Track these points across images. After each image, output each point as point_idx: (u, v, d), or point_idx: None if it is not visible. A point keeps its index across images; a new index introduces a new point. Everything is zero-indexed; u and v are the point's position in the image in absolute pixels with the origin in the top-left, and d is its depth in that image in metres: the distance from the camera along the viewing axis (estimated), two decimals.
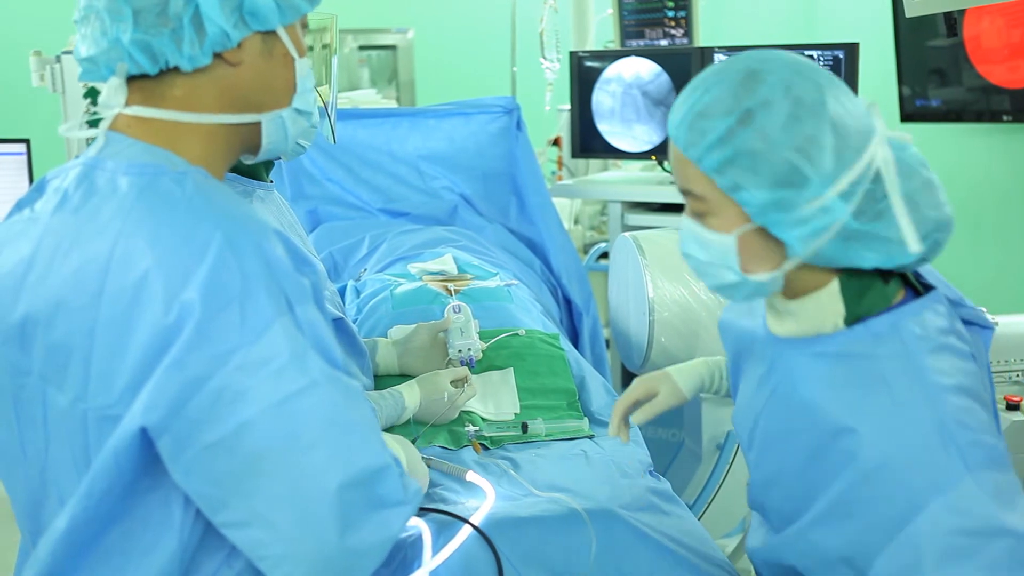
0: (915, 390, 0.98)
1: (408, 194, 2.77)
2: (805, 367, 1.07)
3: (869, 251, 1.01)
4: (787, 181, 0.97)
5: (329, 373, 0.87)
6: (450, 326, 1.79)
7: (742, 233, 1.01)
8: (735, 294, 1.07)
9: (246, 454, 0.83)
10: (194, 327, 0.82)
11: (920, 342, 1.01)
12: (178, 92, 0.96)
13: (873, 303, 1.05)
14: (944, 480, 0.93)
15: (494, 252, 2.53)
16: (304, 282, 0.90)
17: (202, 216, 0.87)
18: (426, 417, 1.61)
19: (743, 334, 1.21)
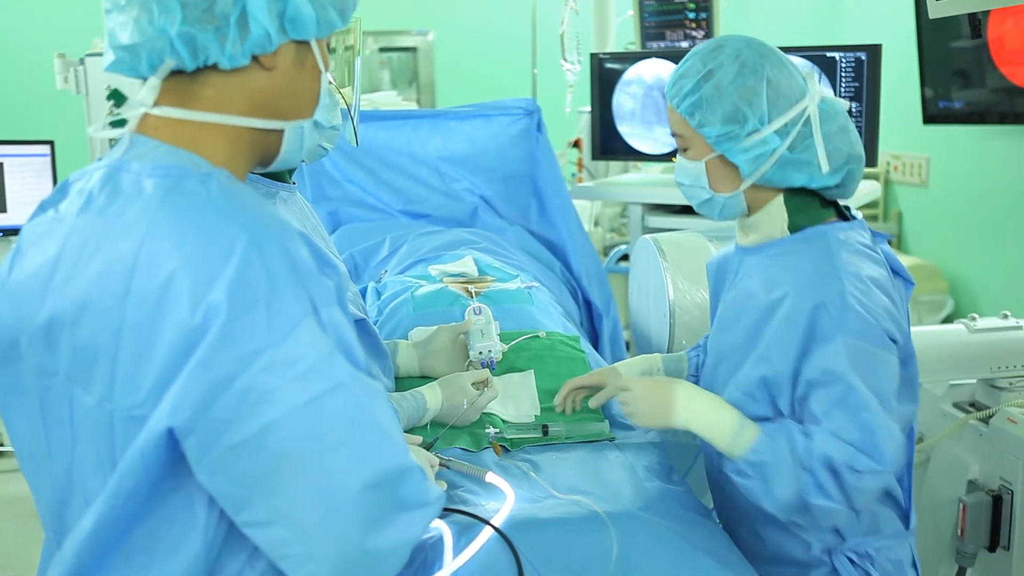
0: (829, 269, 1.36)
1: (428, 196, 2.78)
2: (755, 266, 1.47)
3: (798, 172, 1.40)
4: (733, 118, 1.38)
5: (354, 375, 0.87)
6: (471, 328, 1.80)
7: (708, 160, 1.43)
8: (712, 210, 1.47)
9: (271, 454, 0.84)
10: (220, 328, 0.82)
11: (841, 244, 1.40)
12: (210, 92, 0.96)
13: (810, 217, 1.45)
14: (824, 336, 1.32)
15: (514, 254, 2.54)
16: (328, 284, 0.90)
17: (228, 217, 0.87)
18: (447, 419, 1.61)
19: (721, 263, 1.59)
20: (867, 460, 1.31)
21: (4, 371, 0.97)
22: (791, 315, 1.36)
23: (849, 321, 1.32)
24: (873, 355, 1.33)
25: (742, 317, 1.46)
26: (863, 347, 1.32)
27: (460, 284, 2.16)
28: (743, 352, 1.44)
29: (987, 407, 2.14)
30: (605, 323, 2.61)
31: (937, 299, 4.53)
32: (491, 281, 2.22)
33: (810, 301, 1.35)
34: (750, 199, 1.45)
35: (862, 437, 1.31)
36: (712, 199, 1.46)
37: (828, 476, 1.33)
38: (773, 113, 1.37)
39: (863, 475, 1.32)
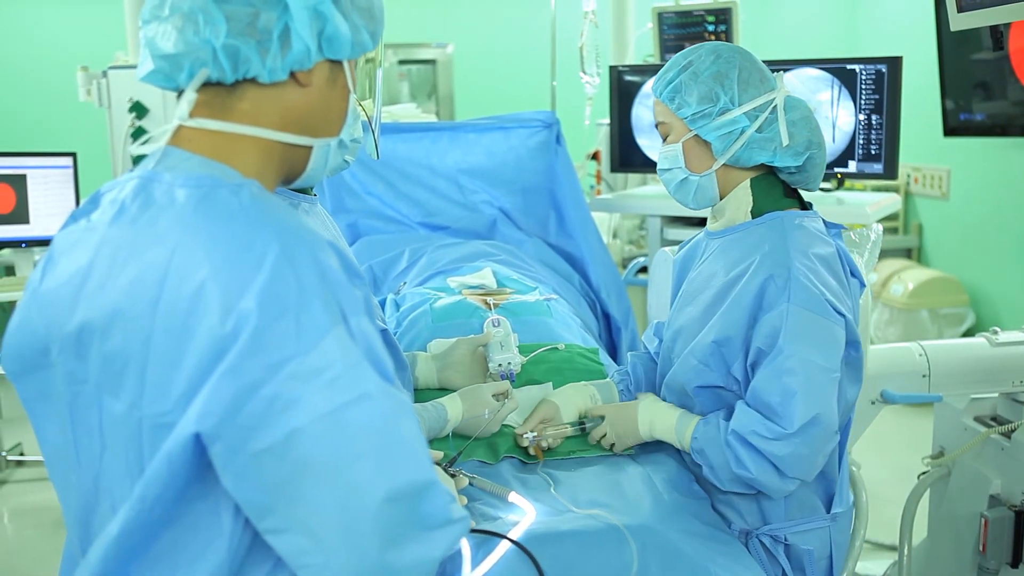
0: (780, 246, 1.48)
1: (447, 208, 2.79)
2: (719, 248, 1.59)
3: (763, 151, 1.53)
4: (707, 97, 1.52)
5: (381, 386, 0.88)
6: (490, 340, 1.80)
7: (685, 140, 1.56)
8: (687, 192, 1.60)
9: (294, 461, 0.84)
10: (250, 335, 0.83)
11: (795, 228, 1.52)
12: (246, 105, 0.97)
13: (772, 203, 1.57)
14: (769, 304, 1.43)
15: (533, 266, 2.54)
16: (357, 294, 0.91)
17: (259, 227, 0.89)
18: (467, 430, 1.62)
19: (690, 251, 1.71)
20: (772, 425, 1.39)
21: (34, 378, 0.99)
22: (745, 287, 1.47)
23: (793, 290, 1.42)
24: (814, 322, 1.41)
25: (702, 293, 1.57)
26: (804, 314, 1.41)
27: (479, 296, 2.17)
28: (700, 324, 1.53)
29: (1009, 421, 2.13)
30: (624, 335, 2.61)
31: (958, 312, 4.50)
32: (510, 293, 2.22)
33: (761, 274, 1.46)
34: (721, 182, 1.58)
35: (779, 401, 1.39)
36: (687, 179, 1.58)
37: (741, 447, 1.43)
38: (743, 97, 1.51)
39: (772, 441, 1.40)
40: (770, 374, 1.41)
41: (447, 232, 2.74)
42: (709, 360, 1.50)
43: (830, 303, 1.43)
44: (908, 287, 4.51)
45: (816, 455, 1.42)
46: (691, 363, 1.53)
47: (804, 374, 1.38)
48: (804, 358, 1.39)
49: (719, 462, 1.48)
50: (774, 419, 1.40)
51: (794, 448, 1.39)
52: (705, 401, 1.54)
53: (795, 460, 1.40)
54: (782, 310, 1.41)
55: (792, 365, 1.39)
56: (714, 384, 1.51)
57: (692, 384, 1.54)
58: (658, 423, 1.59)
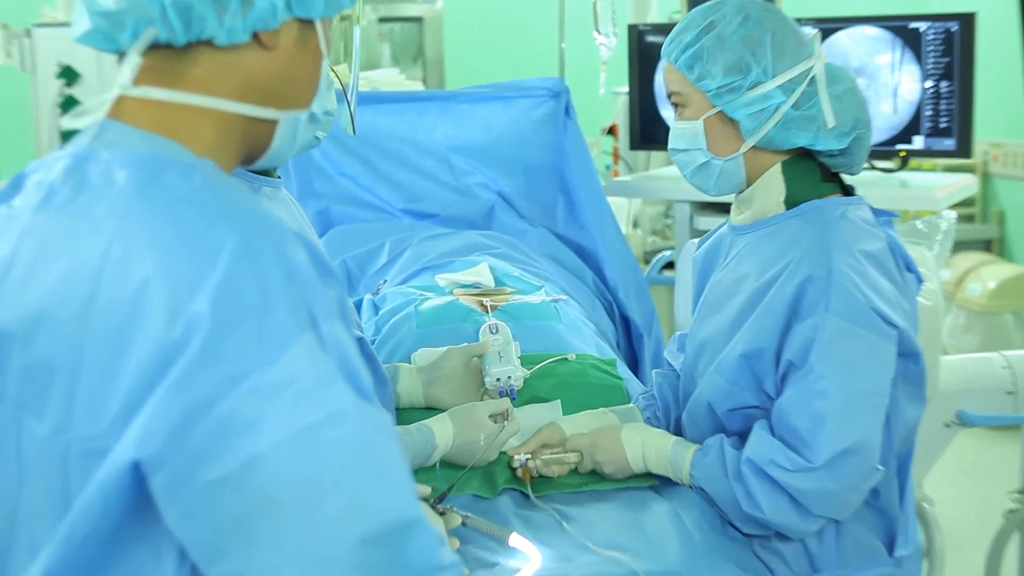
0: (820, 243, 1.47)
1: (436, 192, 2.79)
2: (748, 245, 1.58)
3: (802, 132, 1.51)
4: (736, 68, 1.50)
5: (357, 404, 0.88)
6: (486, 350, 1.81)
7: (707, 117, 1.54)
8: (707, 179, 1.59)
9: (254, 493, 0.84)
10: (202, 343, 0.83)
11: (838, 220, 1.51)
12: (200, 71, 0.97)
13: (808, 190, 1.56)
14: (805, 311, 1.43)
15: (538, 261, 2.55)
16: (329, 295, 0.91)
17: (214, 215, 0.89)
18: (459, 459, 1.62)
19: (711, 249, 1.72)
20: (794, 456, 1.39)
21: None
22: (779, 292, 1.48)
23: (833, 296, 1.42)
24: (855, 336, 1.41)
25: (730, 299, 1.57)
26: (843, 326, 1.41)
27: (473, 297, 2.17)
28: (727, 336, 1.54)
29: None
30: (646, 344, 2.61)
31: None
32: (510, 293, 2.23)
33: (798, 276, 1.46)
34: (749, 166, 1.57)
35: (807, 427, 1.39)
36: (709, 164, 1.57)
37: (755, 479, 1.43)
38: (778, 67, 1.50)
39: (793, 474, 1.40)
40: (799, 394, 1.42)
41: (435, 221, 2.74)
42: (738, 378, 1.51)
43: (878, 312, 1.43)
44: (988, 286, 4.51)
45: (848, 492, 1.42)
46: (717, 383, 1.54)
47: (838, 398, 1.39)
48: (839, 380, 1.40)
49: (723, 499, 1.49)
50: (799, 448, 1.40)
51: (819, 483, 1.40)
52: (738, 425, 1.54)
53: (820, 497, 1.41)
54: (818, 320, 1.42)
55: (824, 387, 1.39)
56: (747, 404, 1.52)
57: (722, 407, 1.54)
58: (650, 453, 1.59)
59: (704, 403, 1.57)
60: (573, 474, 1.67)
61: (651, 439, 1.60)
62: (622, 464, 1.61)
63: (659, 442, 1.60)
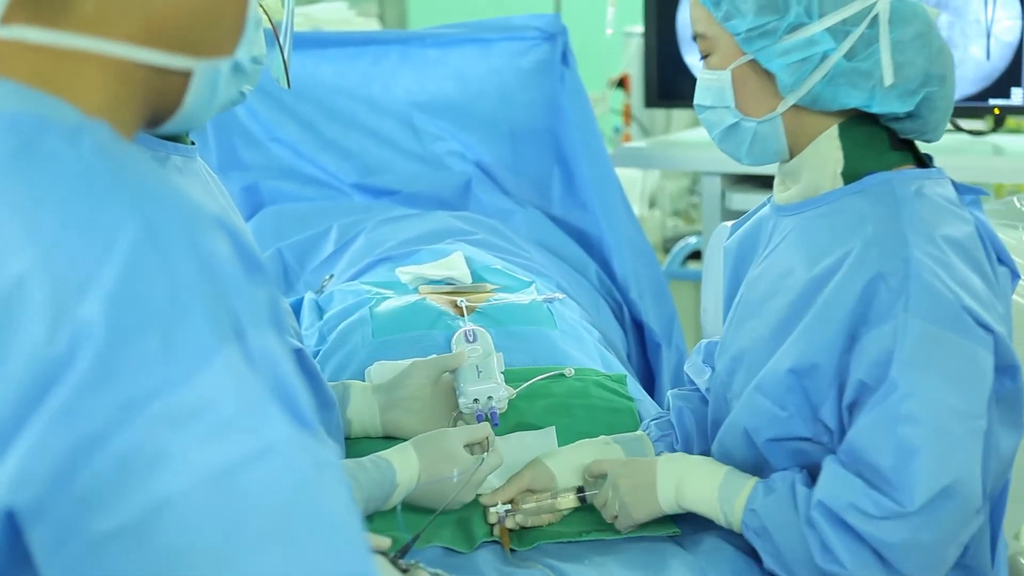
0: (891, 228, 1.46)
1: (396, 162, 2.80)
2: (795, 230, 1.58)
3: (855, 89, 1.50)
4: (771, 5, 1.49)
5: (294, 434, 0.87)
6: (461, 363, 1.81)
7: (736, 67, 1.54)
8: (739, 144, 1.59)
9: (160, 549, 0.84)
10: (93, 359, 0.83)
11: (913, 198, 1.49)
12: (89, 7, 0.97)
13: (873, 160, 1.55)
14: (878, 316, 1.42)
15: (527, 250, 2.55)
16: (259, 295, 0.91)
17: (108, 193, 0.88)
18: (427, 501, 1.62)
19: (748, 235, 1.72)
20: (881, 499, 1.38)
21: None
22: (839, 291, 1.46)
23: (913, 295, 1.40)
24: (945, 342, 1.40)
25: (771, 299, 1.56)
26: (929, 331, 1.40)
27: (444, 296, 2.17)
28: (770, 346, 1.53)
29: None
30: (665, 355, 2.61)
31: None
32: (491, 291, 2.23)
33: (865, 272, 1.44)
34: (791, 130, 1.56)
35: (893, 464, 1.37)
36: (738, 126, 1.57)
37: (831, 528, 1.41)
38: (826, 5, 1.49)
39: (881, 522, 1.38)
40: (878, 422, 1.40)
41: (396, 199, 2.75)
42: (785, 399, 1.50)
43: (970, 312, 1.42)
44: None
45: (947, 544, 1.41)
46: (758, 404, 1.53)
47: (931, 423, 1.38)
48: (931, 398, 1.38)
49: (793, 549, 1.46)
50: (885, 489, 1.39)
51: (913, 533, 1.38)
52: (784, 461, 1.54)
53: (914, 551, 1.39)
54: (896, 325, 1.40)
55: (912, 409, 1.38)
56: (795, 435, 1.51)
57: (763, 435, 1.53)
58: (691, 485, 1.57)
59: (739, 430, 1.57)
60: (572, 518, 1.67)
61: (695, 466, 1.60)
62: (649, 503, 1.59)
63: (706, 469, 1.59)
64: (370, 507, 1.57)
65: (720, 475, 1.57)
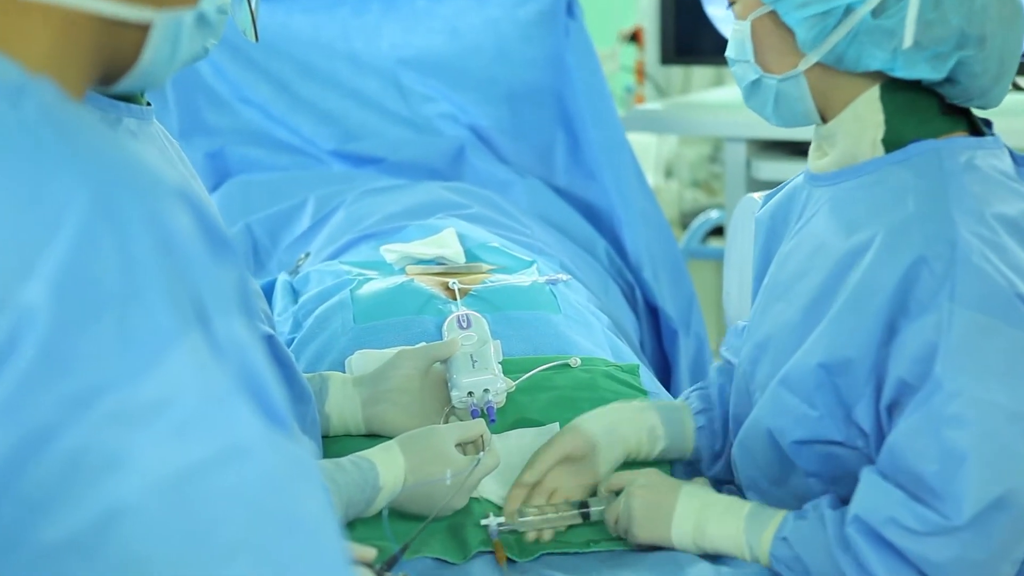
0: (935, 205, 1.46)
1: (381, 126, 2.80)
2: (829, 202, 1.58)
3: (877, 49, 1.49)
4: None
5: (265, 431, 0.88)
6: (453, 352, 1.82)
7: (756, 18, 1.56)
8: (763, 101, 1.60)
9: (116, 562, 0.84)
10: (38, 348, 0.83)
11: (964, 170, 1.49)
12: None
13: (918, 127, 1.55)
14: (920, 305, 1.42)
15: (528, 226, 2.56)
16: (225, 276, 0.91)
17: (54, 160, 0.88)
18: (414, 505, 1.62)
19: (781, 205, 1.72)
20: (925, 511, 1.37)
21: None
22: (874, 274, 1.46)
23: (960, 281, 1.40)
24: (995, 335, 1.40)
25: (801, 280, 1.56)
26: (978, 321, 1.39)
27: (435, 277, 2.18)
28: (798, 334, 1.54)
29: None
30: (682, 343, 2.61)
31: None
32: (488, 272, 2.24)
33: (905, 254, 1.43)
34: (820, 91, 1.57)
35: (938, 471, 1.37)
36: (760, 83, 1.59)
37: (869, 545, 1.40)
38: None
39: (925, 538, 1.37)
40: (921, 425, 1.40)
41: (380, 168, 2.76)
42: (814, 397, 1.50)
43: None
44: None
45: (1000, 561, 1.41)
46: (784, 401, 1.54)
47: (981, 425, 1.37)
48: (980, 398, 1.38)
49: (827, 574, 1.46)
50: (929, 501, 1.38)
51: (962, 550, 1.38)
52: (813, 466, 1.54)
53: (963, 570, 1.39)
54: (941, 316, 1.40)
55: (959, 410, 1.37)
56: (826, 438, 1.51)
57: (788, 437, 1.53)
58: (712, 524, 1.57)
59: (762, 430, 1.57)
60: (578, 528, 1.68)
61: (715, 507, 1.60)
62: (660, 528, 1.60)
63: (731, 504, 1.59)
64: (351, 513, 1.58)
65: (747, 508, 1.57)
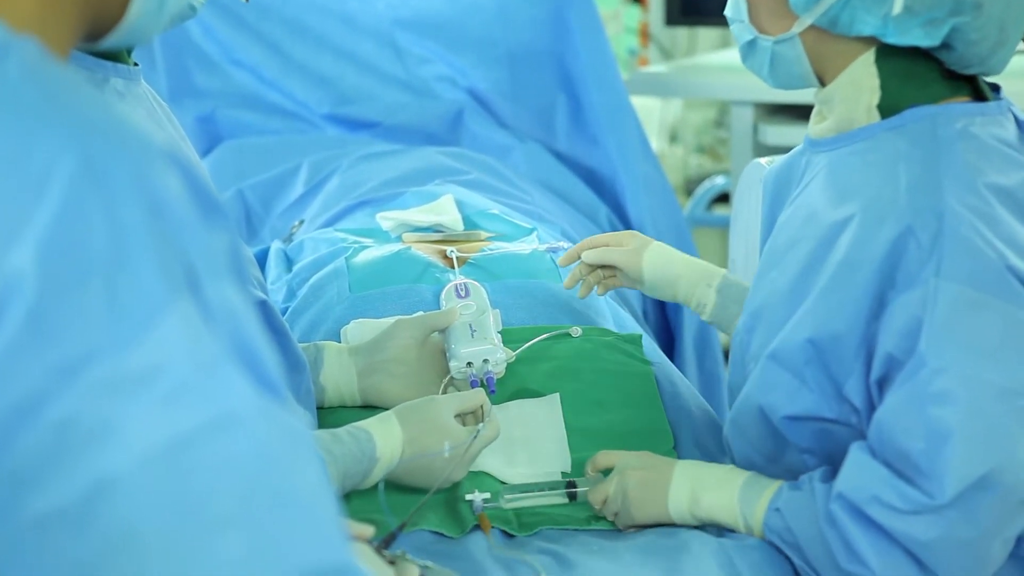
0: (925, 174, 1.46)
1: (376, 89, 2.80)
2: (825, 168, 1.59)
3: (868, 14, 1.48)
4: None
5: (258, 400, 0.88)
6: (452, 322, 1.82)
7: None
8: (760, 63, 1.61)
9: (105, 533, 0.84)
10: (25, 315, 0.83)
11: (959, 138, 1.48)
12: None
13: (915, 92, 1.54)
14: (907, 278, 1.42)
15: (528, 192, 2.56)
16: (218, 241, 0.91)
17: (40, 122, 0.88)
18: (411, 478, 1.62)
19: (784, 169, 1.74)
20: (909, 490, 1.38)
21: None
22: (863, 246, 1.46)
23: (947, 254, 1.40)
24: (983, 309, 1.39)
25: (793, 249, 1.57)
26: (966, 296, 1.39)
27: (432, 245, 2.18)
28: (787, 306, 1.54)
29: None
30: (687, 312, 2.60)
31: None
32: (486, 239, 2.24)
33: (893, 225, 1.44)
34: (816, 54, 1.57)
35: (923, 448, 1.37)
36: (756, 44, 1.60)
37: (854, 523, 1.41)
38: None
39: (909, 517, 1.38)
40: (907, 400, 1.40)
41: (375, 132, 2.76)
42: (804, 372, 1.50)
43: (1016, 273, 1.41)
44: None
45: (990, 540, 1.40)
46: (773, 376, 1.54)
47: (966, 402, 1.37)
48: (966, 374, 1.38)
49: (817, 551, 1.46)
50: (914, 479, 1.38)
51: (948, 529, 1.38)
52: (805, 442, 1.54)
53: (951, 550, 1.39)
54: (927, 290, 1.40)
55: (944, 387, 1.37)
56: (817, 415, 1.51)
57: (779, 412, 1.53)
58: (707, 493, 1.58)
59: (754, 407, 1.57)
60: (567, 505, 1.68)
61: (711, 476, 1.62)
62: (657, 504, 1.61)
63: (726, 475, 1.61)
64: (347, 485, 1.57)
65: (743, 477, 1.58)
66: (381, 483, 1.60)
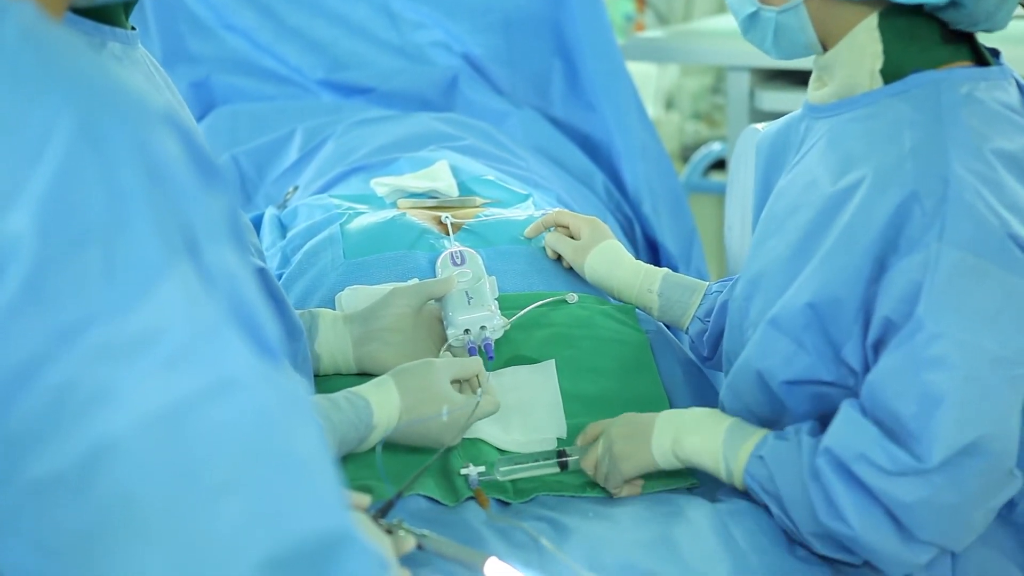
0: (930, 139, 1.45)
1: (371, 55, 2.79)
2: (825, 135, 1.59)
3: None
4: None
5: (257, 365, 0.88)
6: (449, 289, 1.82)
7: None
8: (763, 35, 1.60)
9: (104, 497, 0.85)
10: (23, 279, 0.83)
11: (964, 103, 1.48)
12: None
13: (918, 56, 1.53)
14: (909, 242, 1.41)
15: (524, 158, 2.56)
16: (216, 205, 0.91)
17: (38, 85, 0.88)
18: (408, 439, 1.63)
19: (780, 135, 1.74)
20: (897, 451, 1.38)
21: None
22: (867, 211, 1.46)
23: (950, 219, 1.40)
24: (983, 276, 1.39)
25: (794, 215, 1.57)
26: (966, 261, 1.39)
27: (428, 211, 2.18)
28: (788, 271, 1.55)
29: None
30: None
31: None
32: (482, 205, 2.24)
33: (898, 190, 1.44)
34: (820, 20, 1.56)
35: (915, 412, 1.37)
36: (758, 15, 1.59)
37: (838, 479, 1.42)
38: None
39: (895, 478, 1.38)
40: (902, 364, 1.40)
41: (370, 98, 2.75)
42: (802, 336, 1.51)
43: (1018, 241, 1.41)
44: None
45: (973, 508, 1.41)
46: (772, 341, 1.54)
47: (961, 368, 1.37)
48: (963, 340, 1.38)
49: (798, 504, 1.47)
50: (904, 441, 1.39)
51: (932, 493, 1.38)
52: (803, 407, 1.55)
53: (933, 514, 1.40)
54: (928, 255, 1.40)
55: (940, 352, 1.38)
56: (815, 378, 1.52)
57: (778, 376, 1.54)
58: (691, 434, 1.59)
59: (752, 372, 1.58)
60: (559, 475, 1.69)
61: (698, 416, 1.63)
62: (641, 453, 1.62)
63: (711, 419, 1.61)
64: (343, 450, 1.58)
65: (727, 422, 1.59)
66: (379, 447, 1.60)
